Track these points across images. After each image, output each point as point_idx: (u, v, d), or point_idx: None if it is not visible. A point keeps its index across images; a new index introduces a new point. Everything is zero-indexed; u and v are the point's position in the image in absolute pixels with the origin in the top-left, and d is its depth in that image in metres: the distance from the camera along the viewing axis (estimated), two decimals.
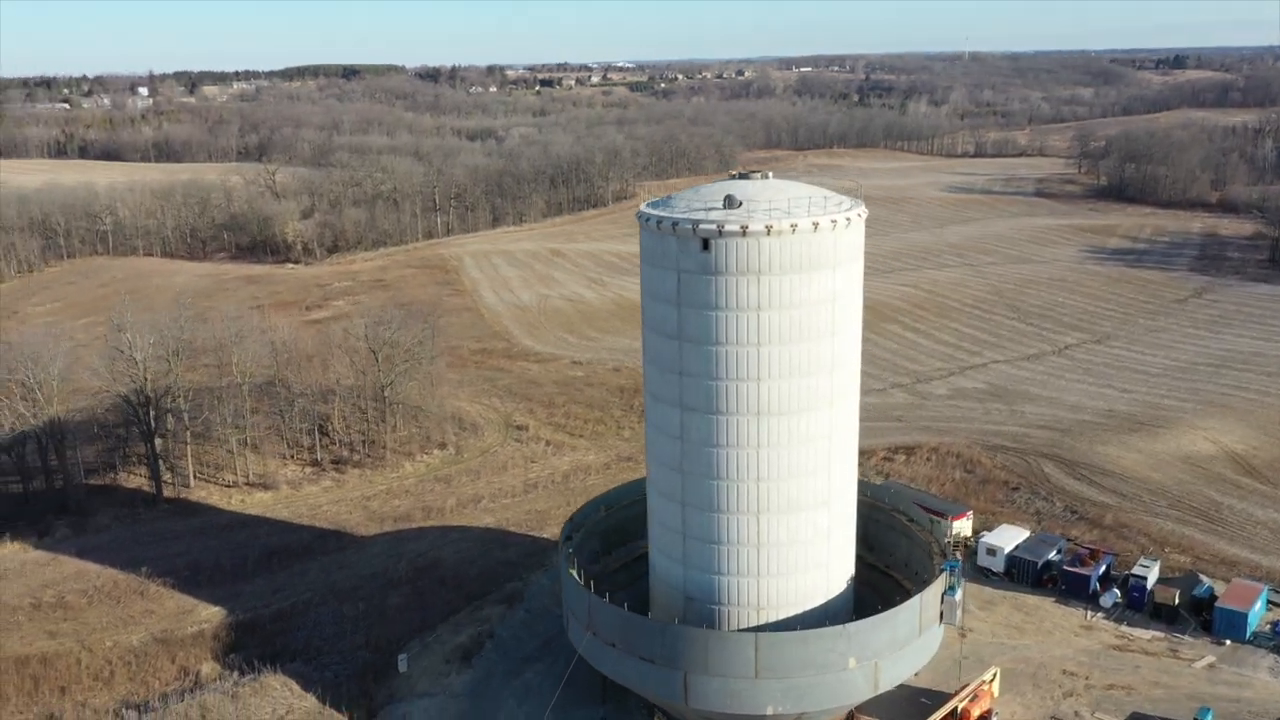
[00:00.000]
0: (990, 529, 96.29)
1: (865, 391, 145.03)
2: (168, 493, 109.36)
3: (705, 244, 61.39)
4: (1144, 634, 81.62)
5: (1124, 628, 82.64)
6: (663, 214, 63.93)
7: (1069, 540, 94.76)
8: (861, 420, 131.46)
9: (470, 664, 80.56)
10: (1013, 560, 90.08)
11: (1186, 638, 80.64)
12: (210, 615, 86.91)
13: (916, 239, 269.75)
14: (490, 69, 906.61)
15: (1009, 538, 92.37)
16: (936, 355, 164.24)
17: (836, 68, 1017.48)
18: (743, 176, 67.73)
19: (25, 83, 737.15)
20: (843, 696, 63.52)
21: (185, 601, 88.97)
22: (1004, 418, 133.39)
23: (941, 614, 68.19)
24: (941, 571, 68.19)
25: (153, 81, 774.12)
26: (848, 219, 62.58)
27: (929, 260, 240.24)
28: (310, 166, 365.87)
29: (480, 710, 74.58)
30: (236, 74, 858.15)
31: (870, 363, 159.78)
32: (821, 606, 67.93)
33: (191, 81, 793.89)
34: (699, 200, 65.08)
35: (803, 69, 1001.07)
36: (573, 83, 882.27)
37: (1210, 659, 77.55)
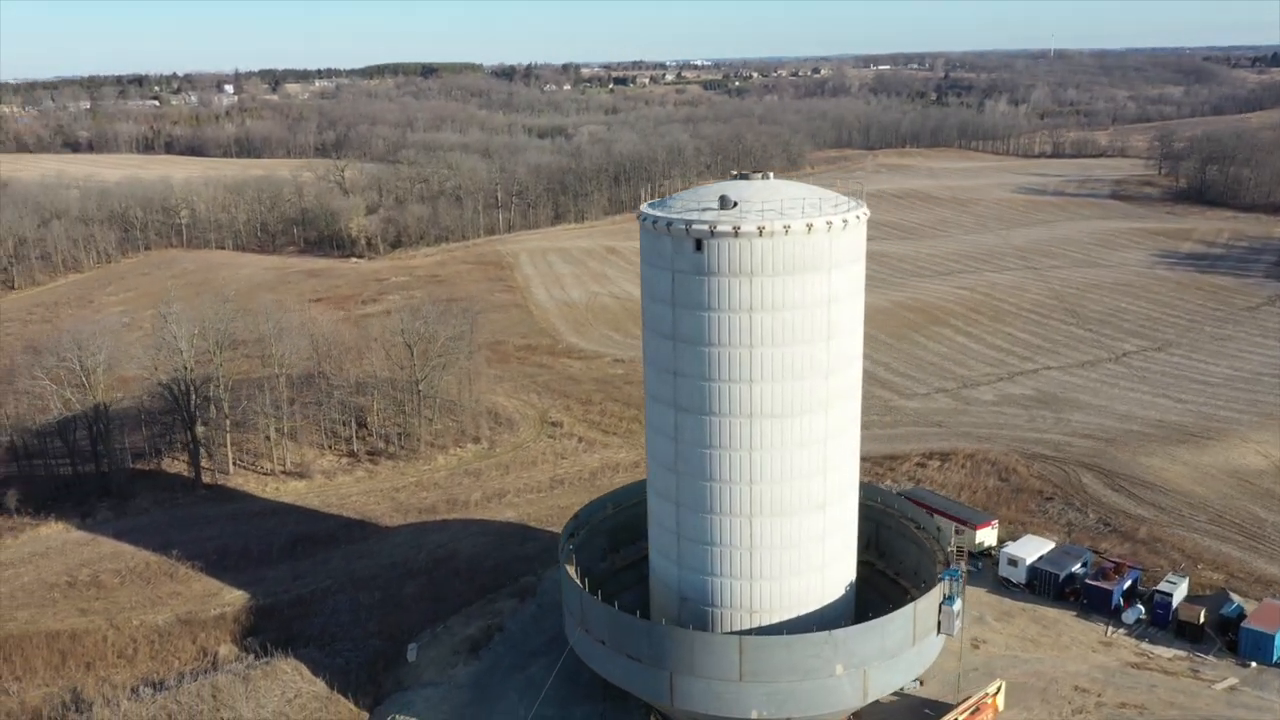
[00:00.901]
0: (1015, 539, 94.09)
1: (908, 396, 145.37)
2: (207, 479, 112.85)
3: (698, 244, 61.28)
4: (1165, 652, 79.01)
5: (1145, 645, 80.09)
6: (659, 214, 63.97)
7: (1096, 553, 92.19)
8: (900, 425, 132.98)
9: (477, 656, 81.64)
10: (1034, 572, 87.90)
11: (1210, 658, 77.83)
12: (233, 599, 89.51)
13: (980, 241, 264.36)
14: (565, 67, 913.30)
15: (1032, 549, 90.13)
16: (986, 360, 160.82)
17: (915, 66, 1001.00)
18: (742, 177, 67.44)
19: (119, 80, 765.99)
20: (830, 703, 62.80)
21: (211, 584, 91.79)
22: (1048, 425, 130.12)
23: (940, 624, 66.94)
24: (940, 580, 66.91)
25: (238, 79, 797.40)
26: (844, 220, 61.80)
27: (990, 263, 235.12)
28: (380, 163, 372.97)
29: (481, 702, 75.54)
30: (319, 72, 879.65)
31: (916, 367, 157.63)
32: (817, 611, 67.28)
33: (275, 79, 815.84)
34: (697, 200, 64.96)
35: (880, 67, 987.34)
36: (646, 81, 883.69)
37: (1232, 681, 74.74)
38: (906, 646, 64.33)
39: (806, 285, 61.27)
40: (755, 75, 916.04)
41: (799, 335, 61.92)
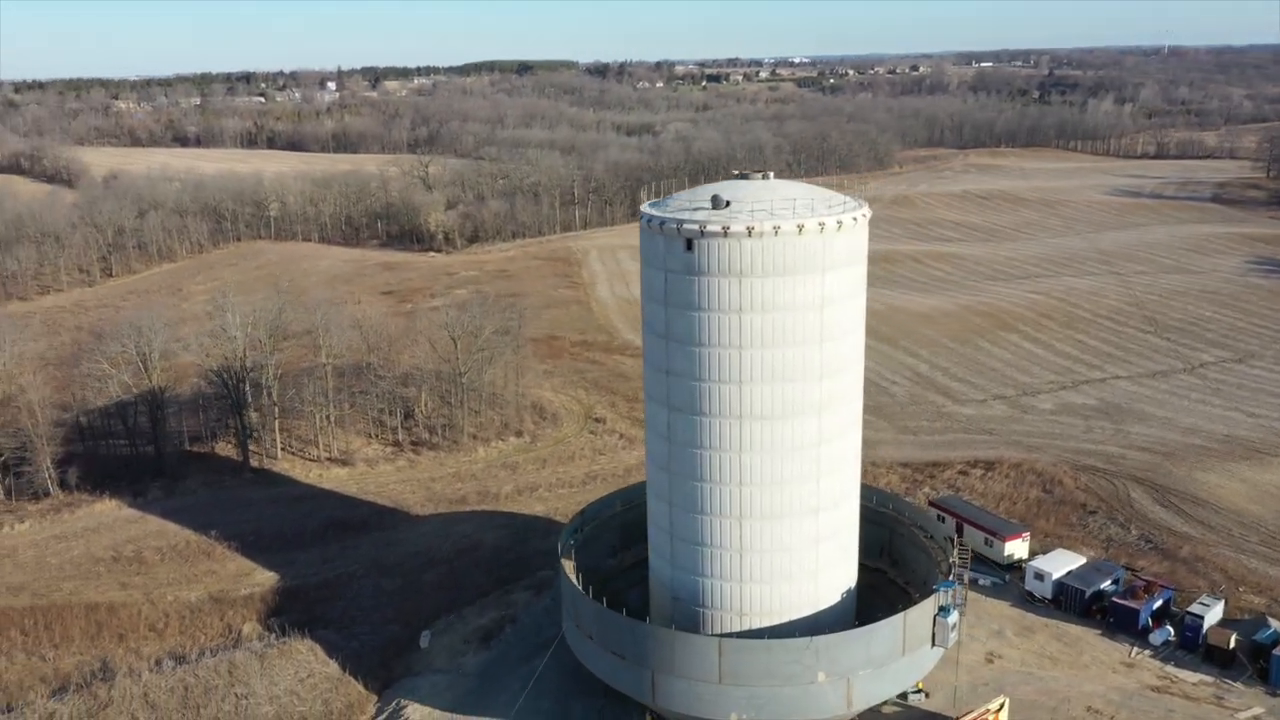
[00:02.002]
0: (1047, 552, 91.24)
1: (962, 402, 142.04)
2: (255, 463, 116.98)
3: (689, 244, 61.17)
4: (1190, 677, 75.71)
5: (1170, 668, 76.88)
6: (655, 213, 64.04)
7: (1130, 570, 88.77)
8: (949, 432, 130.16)
9: (488, 646, 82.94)
10: (1060, 587, 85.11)
11: (1238, 685, 74.29)
12: (263, 579, 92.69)
13: (1064, 244, 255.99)
14: (658, 64, 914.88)
15: (1061, 563, 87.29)
16: (1052, 368, 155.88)
17: (1020, 63, 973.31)
18: (742, 176, 66.95)
19: (228, 77, 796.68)
20: (811, 710, 61.98)
21: (245, 564, 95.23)
22: (1106, 437, 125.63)
23: (934, 636, 65.45)
24: (935, 591, 65.42)
25: (340, 77, 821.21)
26: (838, 222, 60.84)
27: (1071, 267, 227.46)
28: (465, 159, 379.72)
29: (484, 691, 76.71)
30: (418, 69, 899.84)
31: (976, 372, 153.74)
32: (810, 617, 66.49)
33: (376, 77, 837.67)
34: (693, 200, 64.77)
35: (983, 64, 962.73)
36: (740, 78, 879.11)
37: (1257, 711, 71.24)
38: (895, 657, 63.09)
39: (797, 287, 60.56)
40: (851, 73, 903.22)
41: (790, 337, 61.26)
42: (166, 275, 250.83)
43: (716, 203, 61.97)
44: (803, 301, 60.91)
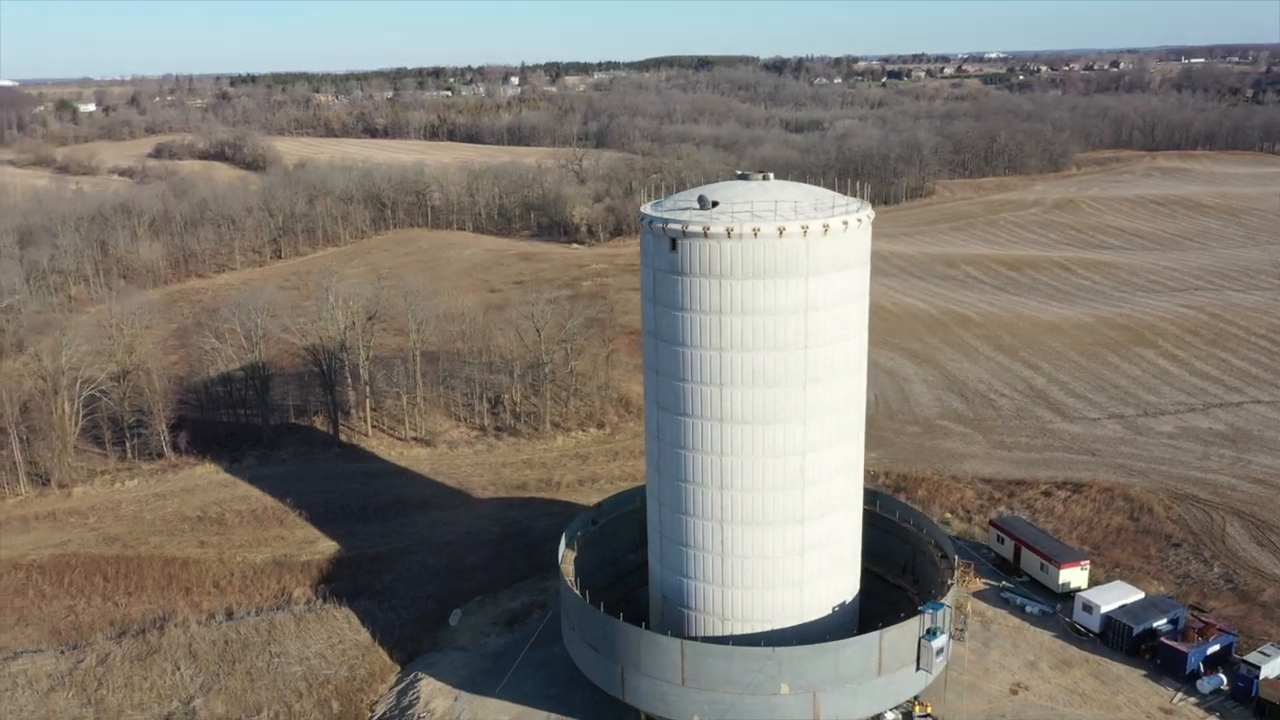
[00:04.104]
0: (1102, 584, 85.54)
1: (1072, 419, 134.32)
2: (345, 438, 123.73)
3: (674, 244, 61.14)
4: None
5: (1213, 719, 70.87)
6: (649, 212, 64.27)
7: (1195, 609, 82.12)
8: (1047, 450, 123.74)
9: (512, 629, 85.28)
10: (1108, 621, 79.67)
11: None
12: (325, 548, 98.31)
13: (1238, 256, 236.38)
14: (838, 60, 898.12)
15: (1114, 596, 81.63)
16: (1184, 387, 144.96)
17: (1236, 59, 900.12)
18: (742, 177, 66.08)
19: (420, 72, 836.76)
20: None
21: (311, 533, 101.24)
22: (1222, 465, 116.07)
23: (919, 658, 62.87)
24: (921, 613, 62.81)
25: (524, 72, 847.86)
26: (824, 226, 59.29)
27: (1239, 281, 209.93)
28: (622, 153, 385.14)
29: (497, 671, 78.90)
30: (599, 65, 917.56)
31: (1097, 389, 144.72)
32: (795, 628, 65.22)
33: (557, 72, 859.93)
34: (690, 200, 64.51)
35: (1192, 60, 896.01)
36: (922, 75, 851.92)
37: None
38: (868, 677, 61.02)
39: (778, 290, 59.45)
40: (1044, 69, 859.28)
41: (769, 341, 60.24)
42: (328, 259, 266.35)
43: (703, 203, 61.61)
44: (784, 305, 59.72)
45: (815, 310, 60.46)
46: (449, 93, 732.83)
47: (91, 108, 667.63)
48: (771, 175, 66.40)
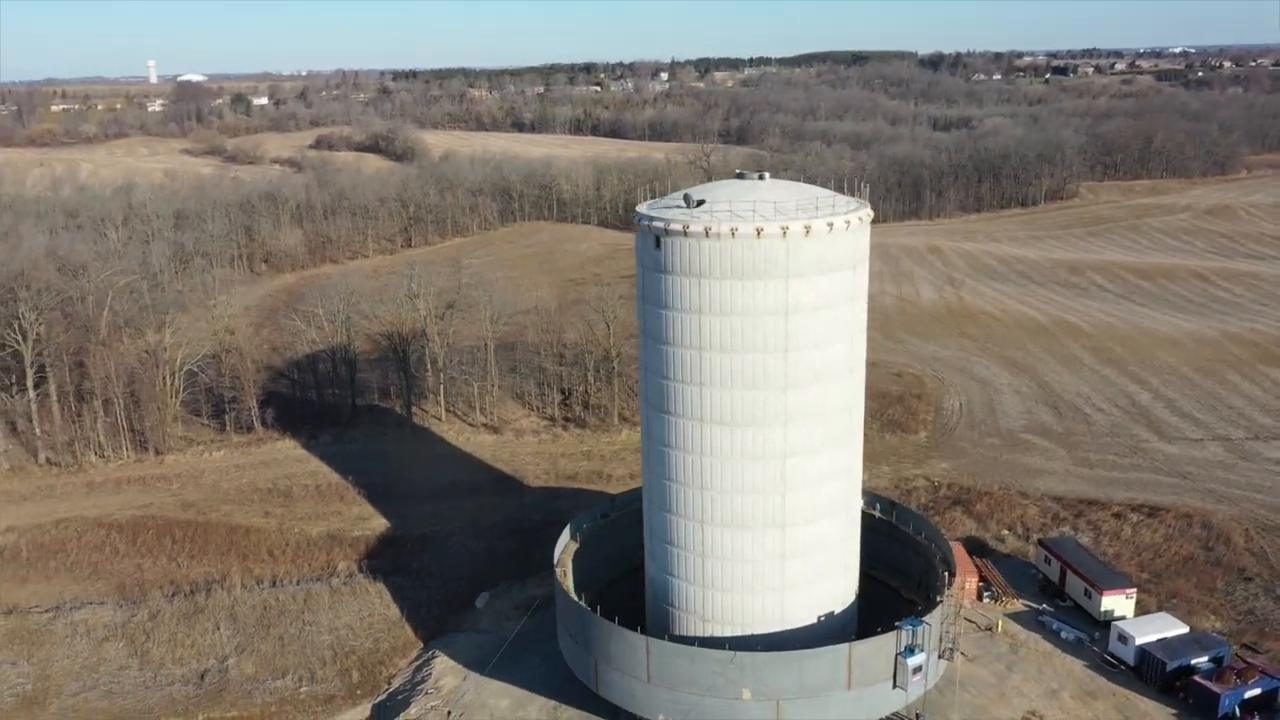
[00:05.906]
0: (1149, 614, 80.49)
1: (1170, 439, 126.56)
2: (417, 421, 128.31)
3: (658, 242, 61.26)
4: None
5: None
6: (641, 210, 64.55)
7: (1248, 648, 76.36)
8: (1133, 470, 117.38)
9: (534, 615, 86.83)
10: (1143, 654, 74.94)
11: None
12: (375, 525, 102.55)
13: None
14: (999, 56, 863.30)
15: (1154, 628, 76.69)
16: None
17: None
18: (740, 176, 65.42)
19: (571, 68, 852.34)
20: None
21: (366, 510, 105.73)
22: None
23: (895, 676, 60.94)
24: (897, 628, 60.82)
25: (673, 68, 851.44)
26: (805, 227, 58.18)
27: None
28: (753, 149, 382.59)
29: (510, 656, 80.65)
30: (750, 61, 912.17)
31: (1207, 408, 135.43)
32: (777, 634, 64.29)
33: (706, 67, 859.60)
34: (678, 199, 64.41)
35: None
36: (1090, 70, 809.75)
37: None
38: (838, 690, 59.56)
39: (756, 291, 58.72)
40: (1227, 65, 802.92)
41: (748, 343, 59.57)
42: (454, 249, 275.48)
43: (689, 202, 61.45)
44: (762, 307, 58.93)
45: (796, 313, 59.37)
46: (598, 88, 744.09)
47: (264, 101, 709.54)
48: (768, 174, 65.45)
